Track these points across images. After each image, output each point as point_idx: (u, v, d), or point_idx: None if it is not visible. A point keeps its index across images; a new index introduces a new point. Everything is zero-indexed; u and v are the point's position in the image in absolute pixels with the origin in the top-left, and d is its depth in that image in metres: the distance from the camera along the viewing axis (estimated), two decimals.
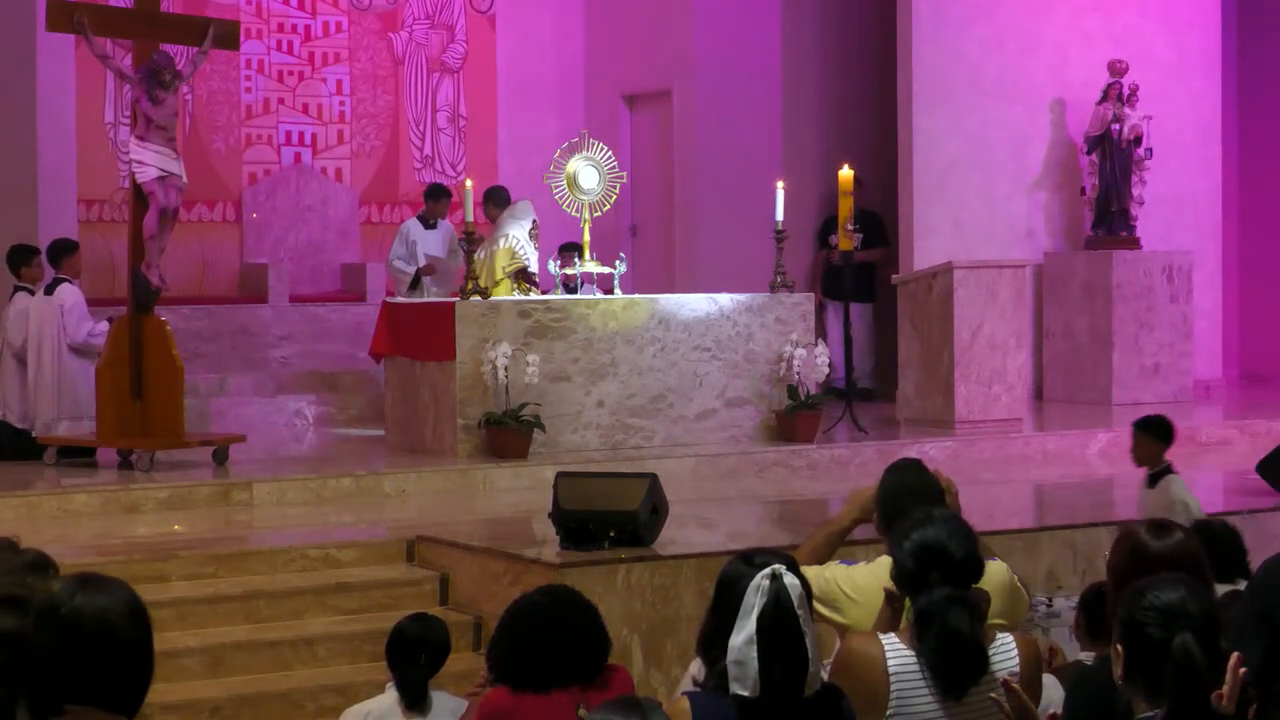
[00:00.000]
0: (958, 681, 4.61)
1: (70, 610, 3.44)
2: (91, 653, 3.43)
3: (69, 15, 11.93)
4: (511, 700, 5.27)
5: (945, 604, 4.61)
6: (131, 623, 3.50)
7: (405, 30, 17.90)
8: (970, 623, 4.63)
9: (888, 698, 4.62)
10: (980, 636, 4.66)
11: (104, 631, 3.44)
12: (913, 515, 4.84)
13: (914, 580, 4.69)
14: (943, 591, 4.62)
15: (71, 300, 12.81)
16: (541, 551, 9.11)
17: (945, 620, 4.59)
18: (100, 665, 3.44)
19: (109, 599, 3.48)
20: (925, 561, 4.66)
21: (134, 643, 3.49)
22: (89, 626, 3.43)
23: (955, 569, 4.67)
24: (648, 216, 17.63)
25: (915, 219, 15.91)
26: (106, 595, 3.49)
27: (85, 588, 3.49)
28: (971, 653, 4.62)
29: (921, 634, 4.63)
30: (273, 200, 17.27)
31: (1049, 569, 9.66)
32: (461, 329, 12.25)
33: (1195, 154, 17.11)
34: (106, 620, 3.45)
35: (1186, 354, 16.23)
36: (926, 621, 4.62)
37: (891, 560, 4.83)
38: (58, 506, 10.83)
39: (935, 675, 4.61)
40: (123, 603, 3.50)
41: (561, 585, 6.04)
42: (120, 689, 3.47)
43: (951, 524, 4.77)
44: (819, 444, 13.02)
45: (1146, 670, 3.85)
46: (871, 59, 17.12)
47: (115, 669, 3.46)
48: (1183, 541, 4.58)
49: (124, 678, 3.48)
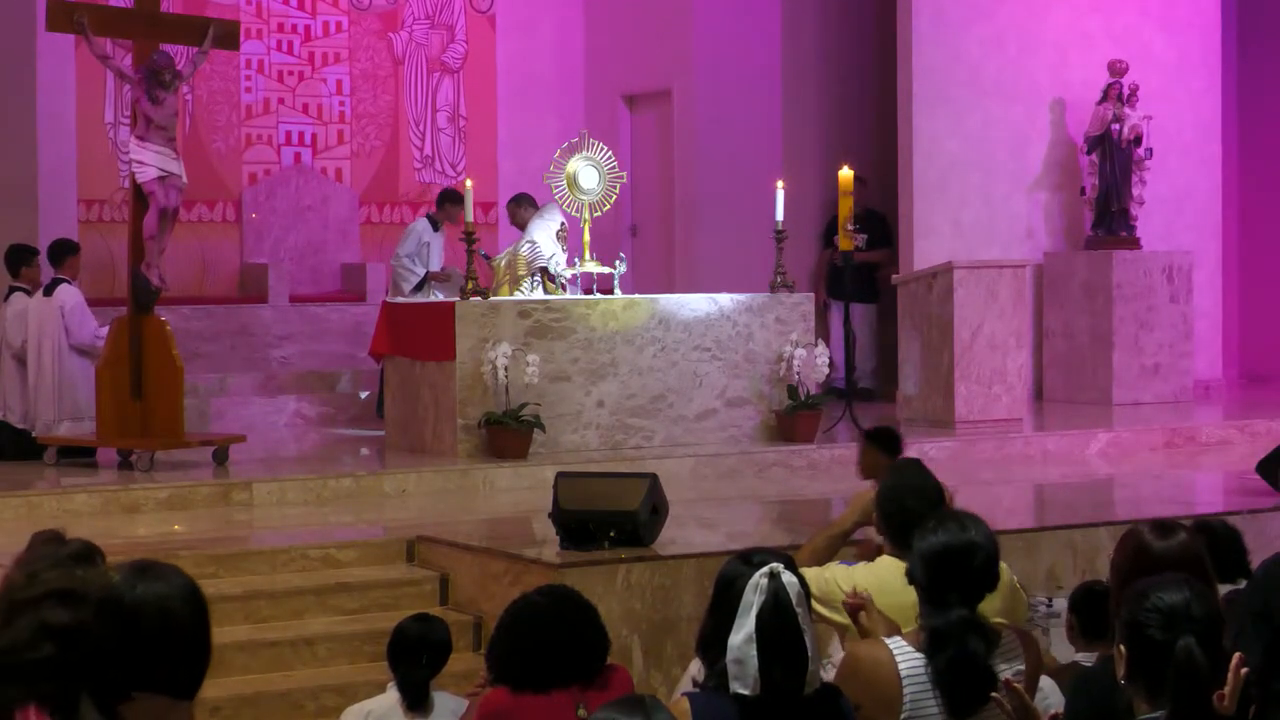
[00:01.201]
0: (966, 705, 4.59)
1: (133, 600, 3.50)
2: (155, 641, 3.49)
3: (69, 15, 11.93)
4: (511, 700, 5.28)
5: (962, 628, 4.59)
6: (191, 609, 3.57)
7: (405, 30, 17.90)
8: (985, 648, 4.60)
9: (901, 700, 4.61)
10: (992, 662, 4.63)
11: (166, 619, 3.51)
12: (946, 520, 4.77)
13: (929, 591, 4.66)
14: (960, 613, 4.60)
15: (72, 301, 12.81)
16: (541, 551, 9.11)
17: (963, 645, 4.57)
18: (164, 652, 3.51)
19: (168, 587, 3.57)
20: (943, 572, 4.62)
21: (194, 629, 3.57)
22: (151, 615, 3.50)
23: (973, 582, 4.64)
24: (648, 216, 17.63)
25: (915, 219, 15.91)
26: (165, 583, 3.57)
27: (145, 577, 3.56)
28: (982, 678, 4.59)
29: (933, 654, 4.61)
30: (273, 200, 17.27)
31: (1049, 569, 9.65)
32: (461, 329, 12.25)
33: (1195, 154, 17.12)
34: (168, 608, 3.52)
35: (1186, 354, 16.23)
36: (941, 644, 4.59)
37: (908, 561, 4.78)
38: (58, 506, 10.83)
39: (944, 695, 4.59)
40: (181, 588, 3.57)
41: (561, 585, 6.04)
42: (181, 674, 3.54)
43: (978, 533, 4.71)
44: (819, 444, 13.02)
45: (1148, 672, 3.85)
46: (871, 59, 17.12)
47: (177, 655, 3.53)
48: (1186, 542, 4.58)
49: (185, 663, 3.55)
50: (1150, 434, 14.12)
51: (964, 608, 4.60)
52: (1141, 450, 13.81)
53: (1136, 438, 14.02)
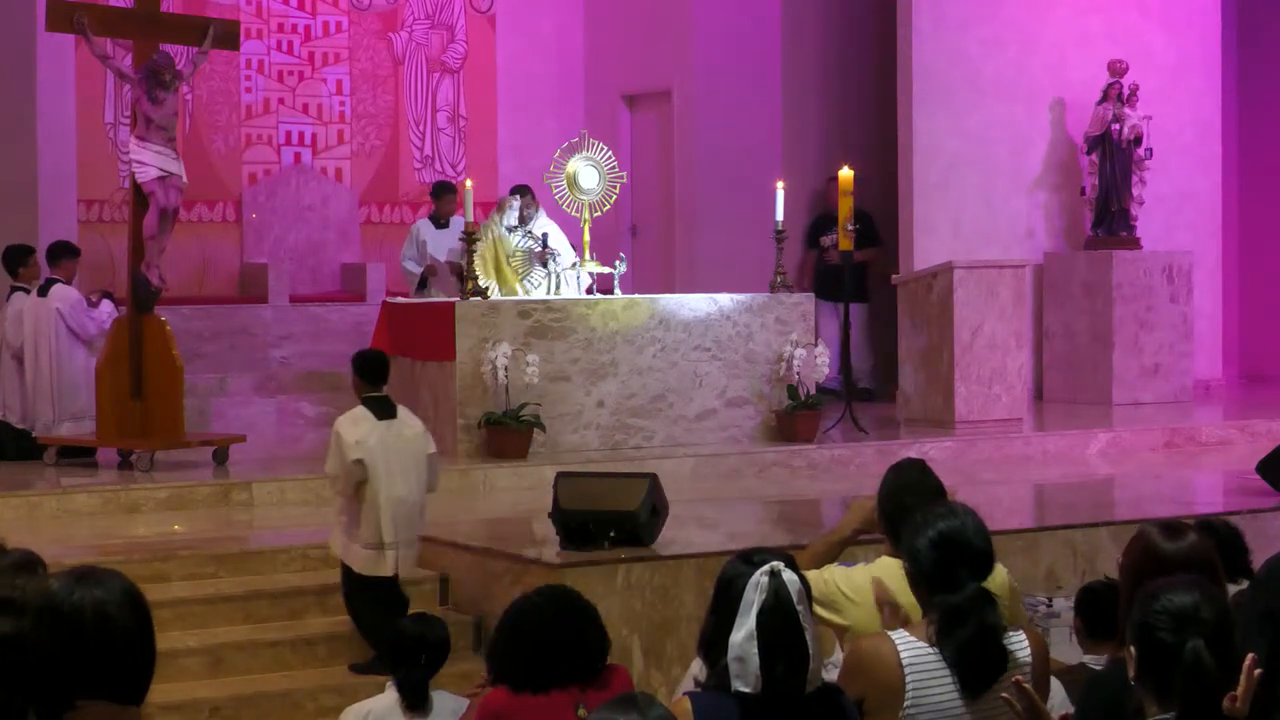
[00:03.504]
0: (984, 678, 4.61)
1: (71, 606, 3.48)
2: (96, 646, 3.47)
3: (69, 15, 11.93)
4: (511, 700, 5.27)
5: (980, 601, 4.62)
6: (130, 612, 3.54)
7: (405, 30, 17.90)
8: (1000, 620, 4.65)
9: (904, 691, 4.62)
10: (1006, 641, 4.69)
11: (105, 624, 3.48)
12: (933, 509, 4.82)
13: (937, 576, 4.68)
14: (974, 588, 4.63)
15: (70, 300, 12.80)
16: (541, 551, 9.11)
17: (982, 618, 4.60)
18: (105, 657, 3.48)
19: (105, 591, 3.52)
20: (949, 554, 4.66)
21: (135, 631, 3.53)
22: (90, 621, 3.47)
23: (977, 561, 4.67)
24: (648, 216, 17.63)
25: (915, 219, 15.90)
26: (103, 588, 3.53)
27: (82, 583, 3.53)
28: (1000, 650, 4.64)
29: (950, 631, 4.61)
30: (273, 200, 17.26)
31: (1049, 569, 9.65)
32: (461, 329, 12.25)
33: (1195, 154, 17.11)
34: (106, 613, 3.49)
35: (1186, 354, 16.23)
36: (960, 619, 4.61)
37: (906, 556, 4.80)
38: (58, 506, 10.84)
39: (962, 672, 4.60)
40: (120, 593, 3.54)
41: (560, 585, 6.04)
42: (125, 679, 3.51)
43: (970, 517, 4.77)
44: (819, 444, 13.02)
45: (1157, 673, 3.85)
46: (871, 59, 17.12)
47: (119, 660, 3.50)
48: (1196, 543, 4.58)
49: (128, 668, 3.52)
50: (1150, 434, 14.12)
51: (975, 583, 4.63)
52: (1142, 450, 13.82)
53: (1136, 438, 14.02)
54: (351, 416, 8.93)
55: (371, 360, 9.32)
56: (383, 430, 8.86)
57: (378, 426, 8.85)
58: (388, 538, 8.77)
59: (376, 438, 8.81)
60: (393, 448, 8.85)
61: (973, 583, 4.64)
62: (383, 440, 8.82)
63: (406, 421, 9.00)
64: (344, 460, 8.78)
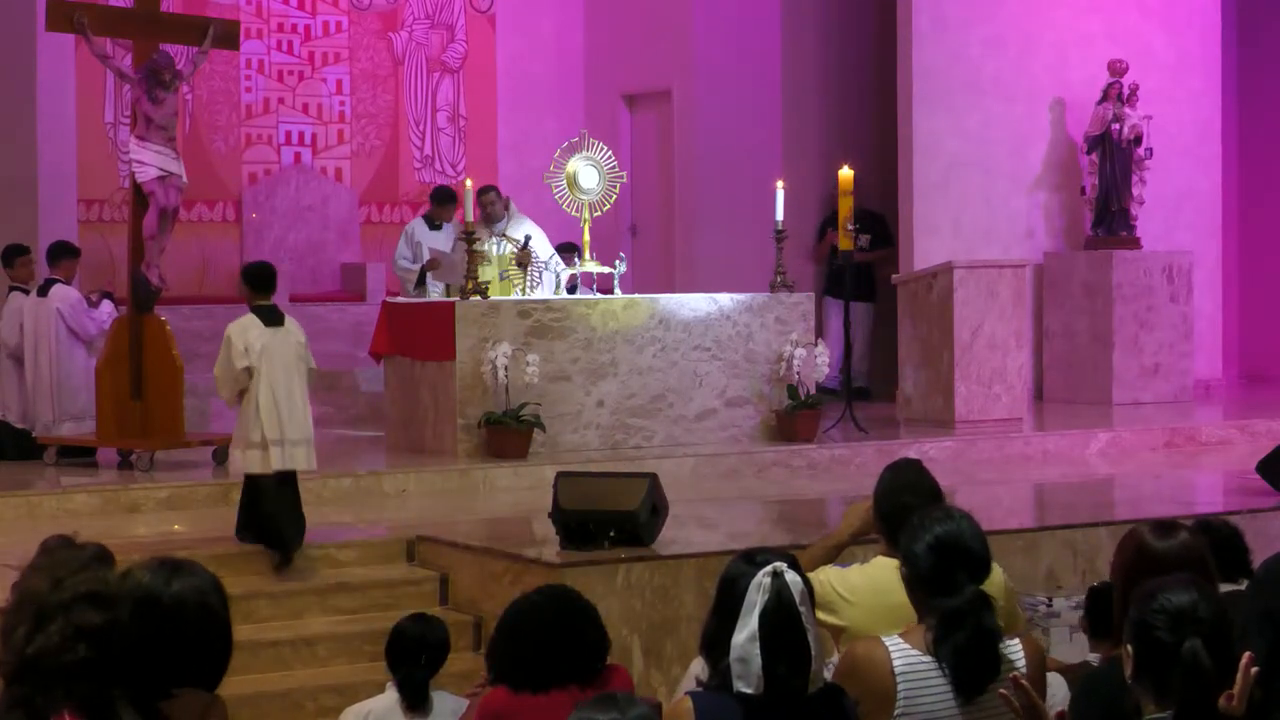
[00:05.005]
0: (979, 682, 4.61)
1: (172, 597, 3.63)
2: (197, 635, 3.64)
3: (69, 15, 11.94)
4: (511, 700, 5.27)
5: (977, 604, 4.61)
6: (223, 600, 3.73)
7: (405, 30, 17.90)
8: (997, 623, 4.66)
9: (895, 698, 4.61)
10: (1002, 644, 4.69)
11: (206, 612, 3.65)
12: (930, 513, 4.82)
13: (935, 580, 4.67)
14: (972, 590, 4.63)
15: (70, 300, 12.80)
16: (541, 551, 9.11)
17: (980, 620, 4.60)
18: (204, 645, 3.65)
19: (200, 581, 3.65)
20: (946, 558, 4.66)
21: (227, 619, 3.72)
22: (193, 610, 3.64)
23: (975, 565, 4.68)
24: (648, 216, 17.63)
25: (915, 219, 15.91)
26: (197, 578, 3.66)
27: (177, 573, 3.68)
28: (996, 654, 4.64)
29: (949, 634, 4.61)
30: (273, 200, 17.27)
31: (1049, 569, 9.65)
32: (461, 329, 12.25)
33: (1195, 154, 17.11)
34: (206, 602, 3.67)
35: (1186, 354, 16.23)
36: (958, 622, 4.60)
37: (903, 560, 4.79)
38: (58, 506, 10.84)
39: (958, 674, 4.60)
40: (212, 582, 3.71)
41: (560, 585, 6.04)
42: (213, 666, 3.67)
43: (967, 520, 4.77)
44: (819, 444, 13.02)
45: (1155, 672, 3.85)
46: (871, 59, 17.12)
47: (212, 647, 3.67)
48: (1187, 542, 4.58)
49: (218, 655, 3.69)
50: (1150, 434, 14.12)
51: (973, 585, 4.63)
52: (1141, 450, 13.81)
53: (1136, 438, 14.02)
54: (241, 324, 9.64)
55: (259, 270, 9.98)
56: (269, 335, 9.56)
57: (265, 332, 9.56)
58: (272, 435, 9.47)
59: (263, 342, 9.53)
60: (278, 352, 9.56)
61: (970, 586, 4.64)
62: (269, 345, 9.54)
63: (292, 330, 9.72)
64: (231, 366, 9.57)
